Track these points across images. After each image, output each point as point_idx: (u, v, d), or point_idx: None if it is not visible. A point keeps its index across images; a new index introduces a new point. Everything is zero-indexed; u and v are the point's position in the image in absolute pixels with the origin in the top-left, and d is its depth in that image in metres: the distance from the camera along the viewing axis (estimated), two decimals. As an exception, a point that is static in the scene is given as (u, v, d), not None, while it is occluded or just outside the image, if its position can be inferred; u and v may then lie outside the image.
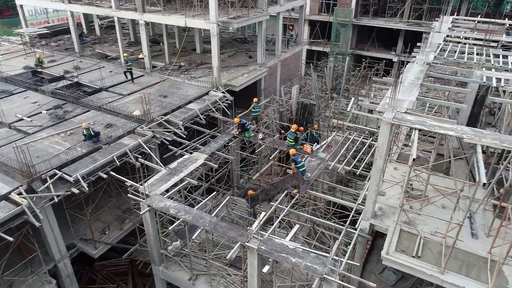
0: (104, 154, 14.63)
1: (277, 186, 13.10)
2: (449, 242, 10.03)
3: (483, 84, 12.67)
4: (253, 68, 24.37)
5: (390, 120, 9.16)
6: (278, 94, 27.98)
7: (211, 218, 11.43)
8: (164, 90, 21.10)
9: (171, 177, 13.47)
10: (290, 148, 15.37)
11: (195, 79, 22.37)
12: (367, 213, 10.82)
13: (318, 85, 25.38)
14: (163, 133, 16.61)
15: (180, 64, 24.86)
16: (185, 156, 14.85)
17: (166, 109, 18.70)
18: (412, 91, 11.10)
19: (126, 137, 15.99)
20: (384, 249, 9.78)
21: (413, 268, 9.35)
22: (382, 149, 9.65)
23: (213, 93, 20.62)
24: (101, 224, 15.79)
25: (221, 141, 16.05)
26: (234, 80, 22.25)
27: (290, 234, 11.02)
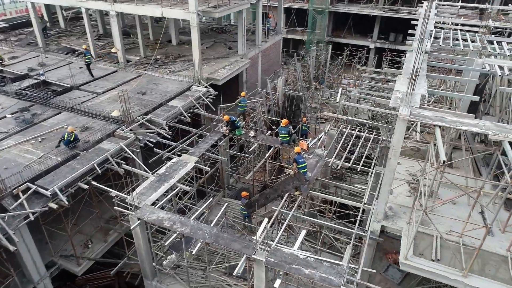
0: (82, 162, 13.22)
1: (277, 189, 12.25)
2: (466, 241, 9.60)
3: (485, 73, 12.25)
4: (235, 60, 23.20)
5: (407, 117, 8.46)
6: (260, 85, 27.07)
7: (211, 229, 10.44)
8: (142, 86, 19.63)
9: (160, 184, 12.33)
10: (284, 144, 14.56)
11: (175, 74, 20.99)
12: (379, 214, 10.20)
13: (301, 75, 24.59)
14: (146, 134, 15.32)
15: (156, 57, 23.30)
16: (173, 159, 13.69)
17: (146, 107, 17.33)
18: (420, 83, 10.46)
19: (105, 141, 14.60)
20: (402, 253, 9.19)
21: (435, 273, 8.81)
22: (397, 147, 8.98)
23: (196, 88, 19.37)
24: (82, 237, 14.43)
25: (210, 141, 14.97)
26: (216, 73, 21.04)
27: (298, 242, 10.22)
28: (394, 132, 8.83)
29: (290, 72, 25.97)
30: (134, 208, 11.20)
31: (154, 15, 20.52)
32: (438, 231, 9.04)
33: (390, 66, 26.50)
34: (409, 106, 8.60)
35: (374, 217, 10.25)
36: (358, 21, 39.87)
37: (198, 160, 13.68)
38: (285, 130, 14.16)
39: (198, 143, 14.83)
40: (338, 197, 13.31)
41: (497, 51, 13.44)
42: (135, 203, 11.24)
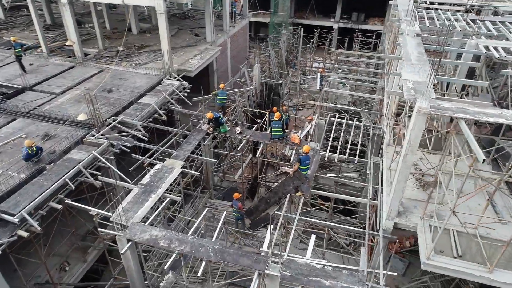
0: (51, 177, 11.51)
1: (277, 191, 11.36)
2: (481, 232, 9.31)
3: (477, 54, 11.94)
4: (204, 48, 21.67)
5: (428, 111, 7.79)
6: (230, 74, 25.77)
7: (213, 245, 9.39)
8: (106, 83, 17.69)
9: (147, 197, 11.00)
10: (274, 140, 13.64)
11: (141, 66, 19.18)
12: (392, 212, 9.64)
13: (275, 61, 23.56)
14: (119, 138, 13.72)
15: (117, 49, 21.19)
16: (156, 166, 12.32)
17: (115, 107, 15.59)
18: (425, 69, 9.86)
19: (74, 150, 12.87)
20: (422, 253, 8.71)
21: (459, 271, 8.42)
22: (415, 143, 8.35)
23: (167, 82, 17.78)
24: (57, 259, 12.83)
25: (194, 141, 13.70)
26: (187, 64, 19.49)
27: (310, 249, 9.47)
28: (411, 127, 8.16)
29: (261, 58, 24.79)
30: (121, 227, 9.86)
31: (114, 2, 18.44)
32: (467, 229, 8.57)
33: (361, 47, 26.21)
34: (428, 98, 7.95)
35: (388, 215, 9.70)
36: (320, 1, 39.19)
37: (184, 164, 12.42)
38: (279, 124, 13.22)
39: (181, 145, 13.51)
40: (336, 192, 12.75)
41: (485, 31, 13.18)
42: (122, 221, 9.90)
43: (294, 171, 10.78)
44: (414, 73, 9.63)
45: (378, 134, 14.58)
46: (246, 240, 13.80)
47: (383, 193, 11.03)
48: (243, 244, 13.67)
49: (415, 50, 11.17)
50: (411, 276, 12.50)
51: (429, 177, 11.22)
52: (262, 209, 12.26)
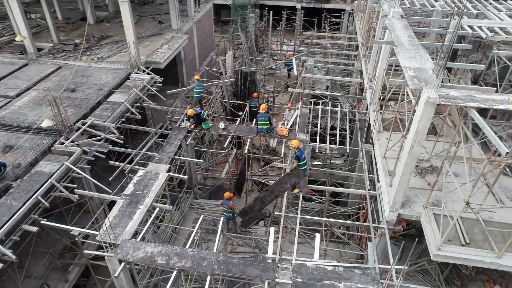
0: (20, 196, 10.23)
1: (274, 190, 10.79)
2: (483, 216, 9.32)
3: (462, 35, 11.83)
4: (171, 36, 20.33)
5: (438, 101, 7.45)
6: (198, 62, 24.60)
7: (216, 256, 8.73)
8: (67, 81, 16.03)
9: (134, 209, 10.06)
10: (261, 134, 13.00)
11: (104, 61, 17.61)
12: (396, 204, 9.42)
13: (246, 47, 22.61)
14: (92, 143, 12.48)
15: (75, 42, 19.33)
16: (138, 172, 11.30)
17: (82, 108, 14.20)
18: (421, 54, 9.54)
19: (42, 162, 11.54)
20: (432, 243, 8.58)
21: (469, 259, 8.38)
22: (423, 134, 8.04)
23: (136, 76, 16.47)
24: (35, 283, 11.63)
25: (175, 141, 12.74)
26: (155, 55, 18.17)
27: (316, 249, 9.08)
28: (418, 117, 7.82)
29: (231, 44, 23.76)
30: (110, 246, 8.93)
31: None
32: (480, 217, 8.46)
33: (330, 28, 25.81)
34: (436, 87, 7.60)
35: (392, 207, 9.47)
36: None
37: (169, 168, 11.51)
38: (266, 116, 12.56)
39: (163, 146, 12.51)
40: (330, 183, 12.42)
41: (471, 11, 13.08)
42: (111, 239, 8.96)
43: (292, 169, 10.25)
44: (411, 59, 9.28)
45: (363, 119, 14.33)
46: (239, 240, 13.25)
47: (380, 182, 10.81)
48: (236, 245, 13.12)
49: (405, 34, 10.82)
50: (406, 260, 12.57)
51: (423, 162, 11.11)
52: (258, 208, 11.70)
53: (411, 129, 8.28)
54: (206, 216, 14.13)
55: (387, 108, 13.54)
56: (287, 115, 17.85)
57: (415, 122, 8.09)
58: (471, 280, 11.15)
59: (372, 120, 13.03)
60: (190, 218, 14.13)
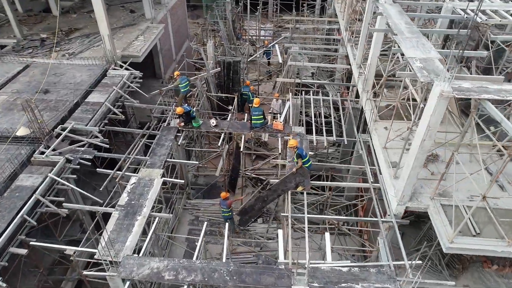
0: (3, 216, 9.33)
1: (277, 189, 10.38)
2: (489, 203, 9.34)
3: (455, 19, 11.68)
4: (146, 27, 19.15)
5: (452, 94, 7.22)
6: (175, 52, 23.51)
7: (227, 267, 8.31)
8: (38, 81, 14.80)
9: (132, 220, 9.41)
10: (256, 130, 12.50)
11: (76, 57, 16.35)
12: (405, 197, 9.29)
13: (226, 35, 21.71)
14: (75, 150, 11.56)
15: (40, 36, 17.82)
16: (131, 180, 10.58)
17: (59, 111, 13.13)
18: (423, 42, 9.26)
19: (23, 175, 10.59)
20: (443, 236, 8.52)
21: (482, 249, 8.40)
22: (435, 128, 7.83)
23: (114, 73, 15.40)
24: (25, 304, 10.86)
25: (166, 142, 12.02)
26: (131, 48, 17.06)
27: (328, 251, 8.85)
28: (431, 111, 7.57)
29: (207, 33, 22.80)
30: (112, 265, 8.31)
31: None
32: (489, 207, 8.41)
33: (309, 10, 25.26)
34: (448, 80, 7.34)
35: (400, 200, 9.33)
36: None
37: (163, 172, 10.85)
38: (260, 111, 12.06)
39: (153, 148, 11.78)
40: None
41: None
42: (111, 257, 8.34)
43: (298, 168, 9.87)
44: (414, 48, 8.99)
45: (356, 107, 14.10)
46: (239, 239, 12.90)
47: (383, 174, 10.66)
48: (236, 245, 12.76)
49: (401, 20, 10.50)
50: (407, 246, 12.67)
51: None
52: (259, 207, 11.31)
53: (422, 123, 8.04)
54: (202, 217, 13.63)
55: (380, 96, 13.36)
56: (275, 105, 17.41)
57: (426, 115, 7.84)
58: (472, 263, 11.35)
59: (368, 109, 12.80)
60: (185, 221, 13.60)
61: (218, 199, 14.07)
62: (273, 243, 12.85)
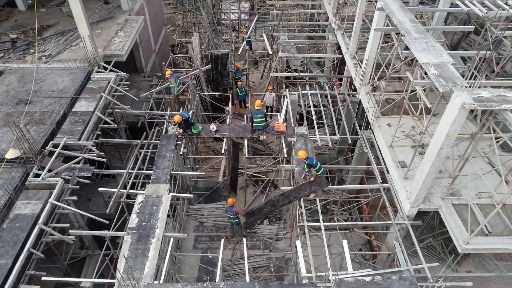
0: (7, 251, 8.78)
1: (289, 195, 10.27)
2: (496, 200, 9.64)
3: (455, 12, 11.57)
4: (124, 20, 17.99)
5: (473, 106, 7.18)
6: (154, 42, 22.37)
7: (253, 285, 8.25)
8: (16, 90, 13.72)
9: (146, 244, 9.09)
10: (258, 133, 12.21)
11: (54, 59, 15.21)
12: (418, 200, 9.42)
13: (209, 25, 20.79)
14: (71, 168, 10.93)
15: (11, 37, 16.39)
16: (138, 198, 10.15)
17: (44, 124, 12.29)
18: (432, 43, 9.12)
19: (20, 202, 9.94)
20: (458, 238, 8.77)
21: (495, 248, 8.73)
22: (452, 137, 7.84)
23: (98, 76, 14.49)
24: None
25: (168, 153, 11.55)
26: (113, 46, 16.05)
27: (348, 260, 8.93)
28: (450, 121, 7.54)
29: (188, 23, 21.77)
30: (134, 296, 8.06)
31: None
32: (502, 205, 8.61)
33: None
34: (469, 91, 7.28)
35: (413, 203, 9.45)
36: None
37: (169, 188, 10.48)
38: (261, 113, 11.75)
39: (155, 161, 11.30)
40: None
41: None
42: (133, 287, 8.08)
43: (315, 177, 9.76)
44: (425, 51, 8.85)
45: (353, 100, 14.00)
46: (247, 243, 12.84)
47: (391, 174, 10.75)
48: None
49: (405, 18, 10.28)
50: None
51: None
52: (266, 211, 11.24)
53: (440, 131, 8.03)
54: (207, 222, 13.45)
55: (378, 90, 13.29)
56: (268, 98, 17.07)
57: (445, 125, 7.81)
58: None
59: (368, 105, 12.71)
60: (189, 227, 13.37)
61: (221, 203, 13.94)
62: (281, 243, 12.92)
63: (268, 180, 14.47)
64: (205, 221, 13.44)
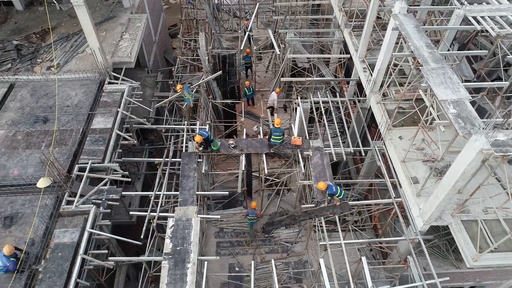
0: (54, 282, 9.43)
1: (311, 213, 10.99)
2: (503, 215, 10.42)
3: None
4: (127, 19, 17.65)
5: (491, 151, 7.76)
6: (154, 35, 21.99)
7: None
8: (31, 106, 13.80)
9: (183, 269, 9.80)
10: (276, 149, 12.70)
11: (63, 69, 15.09)
12: (431, 219, 10.22)
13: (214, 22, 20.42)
14: (100, 190, 11.40)
15: (13, 43, 16.04)
16: (169, 222, 10.75)
17: (66, 145, 12.58)
18: (449, 76, 9.50)
19: (58, 231, 10.48)
20: (467, 255, 9.67)
21: (501, 264, 9.68)
22: (468, 174, 8.48)
23: (111, 88, 14.52)
24: None
25: (191, 172, 12.01)
26: (120, 52, 15.93)
27: (368, 276, 9.86)
28: (467, 161, 8.13)
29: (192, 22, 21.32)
30: (178, 321, 8.93)
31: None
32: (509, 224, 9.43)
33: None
34: (487, 134, 7.81)
35: (426, 221, 10.26)
36: None
37: (198, 210, 11.10)
38: (281, 132, 12.21)
39: (180, 181, 11.79)
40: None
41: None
42: (176, 314, 8.92)
43: (340, 203, 10.51)
44: (443, 85, 9.25)
45: (364, 107, 14.44)
46: (265, 247, 13.78)
47: (404, 190, 11.46)
48: (264, 253, 13.66)
49: (422, 42, 10.51)
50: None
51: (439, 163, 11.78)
52: (286, 223, 12.07)
53: (457, 167, 8.63)
54: (227, 227, 14.25)
55: (388, 98, 13.70)
56: (274, 98, 17.34)
57: (462, 163, 8.41)
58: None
59: (378, 115, 13.19)
60: (210, 234, 14.18)
61: (239, 208, 14.67)
62: (298, 246, 13.84)
63: (282, 182, 15.14)
64: (224, 227, 14.23)
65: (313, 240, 13.18)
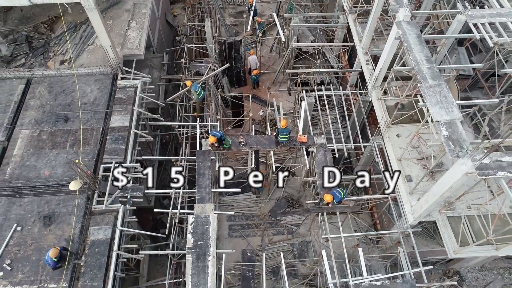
0: (95, 274, 11.03)
1: (323, 209, 12.37)
2: (483, 211, 11.79)
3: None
4: (132, 5, 17.67)
5: (476, 175, 8.89)
6: (157, 11, 21.83)
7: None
8: (51, 104, 14.53)
9: (204, 262, 11.36)
10: (283, 145, 13.76)
11: (76, 63, 15.59)
12: (421, 216, 11.58)
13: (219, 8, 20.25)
14: (125, 188, 12.65)
15: (22, 34, 16.28)
16: (189, 219, 12.12)
17: (89, 144, 13.59)
18: (445, 93, 10.30)
19: (93, 228, 11.90)
20: (450, 248, 11.20)
21: (478, 256, 11.25)
22: (455, 187, 9.68)
23: (124, 83, 15.14)
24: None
25: (206, 171, 13.16)
26: (129, 44, 16.29)
27: (363, 266, 11.48)
28: (454, 181, 9.26)
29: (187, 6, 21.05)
30: (203, 307, 10.66)
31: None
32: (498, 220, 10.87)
33: None
34: (473, 157, 8.85)
35: (417, 218, 11.65)
36: None
37: (214, 207, 12.45)
38: (287, 131, 13.18)
39: (197, 179, 13.02)
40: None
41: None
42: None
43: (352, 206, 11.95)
44: (439, 105, 10.07)
45: (365, 100, 15.23)
46: (272, 229, 15.39)
47: (398, 187, 12.72)
48: (272, 235, 15.30)
49: (422, 55, 11.12)
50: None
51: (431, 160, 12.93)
52: (299, 214, 13.58)
53: (445, 181, 9.80)
54: (238, 212, 15.74)
55: (387, 95, 14.47)
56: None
57: (450, 179, 9.57)
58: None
59: (379, 110, 14.05)
60: (223, 217, 15.68)
61: (248, 194, 16.04)
62: (301, 228, 15.43)
63: (287, 168, 16.38)
64: (235, 211, 15.73)
65: (315, 223, 14.75)
